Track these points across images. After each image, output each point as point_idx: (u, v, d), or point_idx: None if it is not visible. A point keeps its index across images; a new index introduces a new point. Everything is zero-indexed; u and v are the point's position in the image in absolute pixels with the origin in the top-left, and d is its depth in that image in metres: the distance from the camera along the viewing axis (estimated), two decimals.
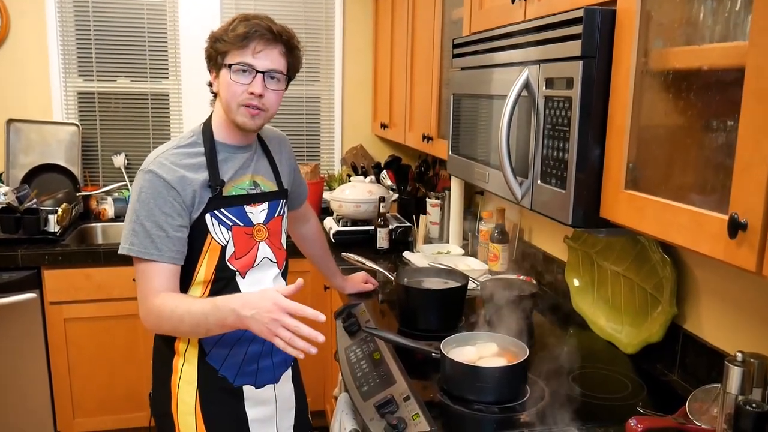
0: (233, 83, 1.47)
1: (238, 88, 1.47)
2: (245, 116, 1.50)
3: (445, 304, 1.91)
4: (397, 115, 3.05)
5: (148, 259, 1.44)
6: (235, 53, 1.46)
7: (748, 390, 1.11)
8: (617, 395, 1.53)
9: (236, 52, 1.46)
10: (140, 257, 1.45)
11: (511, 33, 1.52)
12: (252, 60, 1.46)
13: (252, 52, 1.46)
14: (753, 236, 0.86)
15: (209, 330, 1.43)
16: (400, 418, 1.40)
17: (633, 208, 1.14)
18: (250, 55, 1.46)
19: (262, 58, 1.47)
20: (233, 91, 1.48)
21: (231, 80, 1.47)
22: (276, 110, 1.55)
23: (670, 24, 1.09)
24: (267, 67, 1.48)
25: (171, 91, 3.50)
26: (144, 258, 1.45)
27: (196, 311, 1.41)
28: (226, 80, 1.48)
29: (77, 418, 2.95)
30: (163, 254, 1.45)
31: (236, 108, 1.49)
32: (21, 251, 2.73)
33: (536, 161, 1.38)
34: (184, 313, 1.42)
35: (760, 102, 0.84)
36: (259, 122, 1.53)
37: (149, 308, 1.46)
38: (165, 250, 1.45)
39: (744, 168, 0.87)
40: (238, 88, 1.47)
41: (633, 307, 1.74)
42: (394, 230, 2.86)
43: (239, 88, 1.47)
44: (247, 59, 1.46)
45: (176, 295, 1.47)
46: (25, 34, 3.27)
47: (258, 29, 1.45)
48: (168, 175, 1.46)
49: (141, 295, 1.48)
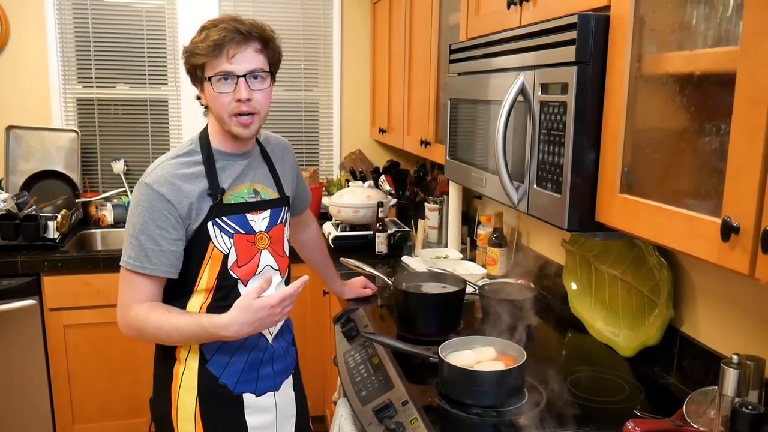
0: (218, 95, 1.46)
1: (224, 98, 1.46)
2: (238, 126, 1.49)
3: (444, 309, 1.91)
4: (396, 120, 3.06)
5: (141, 272, 1.45)
6: (212, 63, 1.44)
7: (744, 392, 1.12)
8: (615, 398, 1.53)
9: (212, 62, 1.44)
10: (134, 270, 1.46)
11: (506, 39, 1.53)
12: (229, 66, 1.44)
13: (227, 58, 1.43)
14: (745, 239, 0.86)
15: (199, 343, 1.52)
16: (399, 423, 1.41)
17: (628, 212, 1.15)
18: (226, 62, 1.43)
19: (238, 62, 1.44)
20: (220, 103, 1.47)
21: (215, 92, 1.46)
22: (268, 109, 1.54)
23: (663, 29, 1.10)
24: (246, 70, 1.45)
25: (170, 98, 3.51)
26: (138, 271, 1.46)
27: (185, 331, 1.45)
28: (210, 93, 1.47)
29: (77, 424, 2.94)
30: (156, 268, 1.45)
31: (228, 119, 1.49)
32: (20, 258, 2.74)
33: (532, 166, 1.39)
34: (172, 330, 1.45)
35: (752, 106, 0.85)
36: (254, 128, 1.52)
37: (129, 318, 1.47)
38: (158, 264, 1.45)
39: (736, 172, 0.88)
40: (224, 98, 1.46)
41: (630, 310, 1.75)
42: (393, 235, 2.86)
43: (225, 99, 1.46)
44: (223, 67, 1.43)
45: (158, 308, 1.47)
46: (24, 41, 3.28)
47: (227, 33, 1.42)
48: (163, 188, 1.45)
49: (123, 303, 1.48)
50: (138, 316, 1.45)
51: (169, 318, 1.45)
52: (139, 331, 1.47)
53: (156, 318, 1.45)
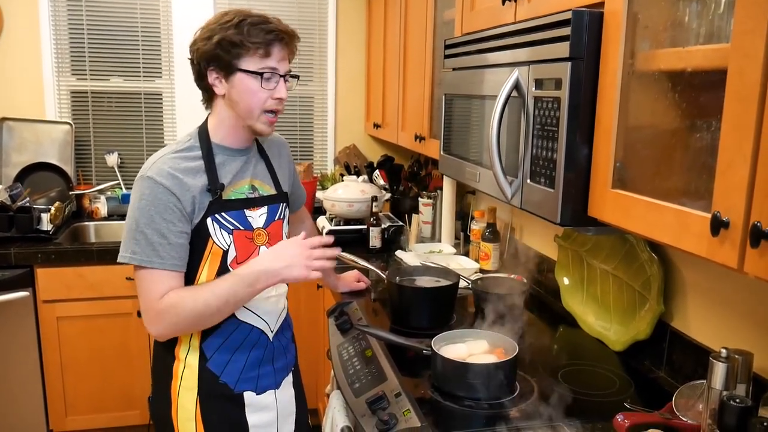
0: (259, 90, 1.47)
1: (263, 94, 1.47)
2: (266, 124, 1.52)
3: (437, 303, 1.92)
4: (390, 115, 3.06)
5: (150, 267, 1.43)
6: (256, 59, 1.45)
7: (732, 385, 1.14)
8: (605, 392, 1.55)
9: (257, 58, 1.45)
10: (143, 266, 1.43)
11: (501, 34, 1.54)
12: (276, 65, 1.47)
13: (276, 57, 1.47)
14: (735, 234, 0.88)
15: (238, 303, 1.49)
16: (392, 414, 1.42)
17: (620, 207, 1.16)
18: (274, 60, 1.46)
19: (282, 62, 1.49)
20: (260, 98, 1.47)
21: (261, 87, 1.47)
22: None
23: (656, 26, 1.11)
24: (285, 70, 1.50)
25: (164, 91, 3.50)
26: (146, 266, 1.43)
27: (221, 291, 1.43)
28: (248, 87, 1.47)
29: (69, 416, 2.95)
30: (165, 261, 1.43)
31: (259, 114, 1.50)
32: (14, 249, 2.74)
33: (526, 161, 1.40)
34: (209, 297, 1.43)
35: (742, 103, 0.86)
36: (274, 128, 1.56)
37: (160, 310, 1.43)
38: (167, 258, 1.43)
39: (726, 167, 0.89)
40: (263, 94, 1.47)
41: (621, 305, 1.77)
42: (387, 229, 2.87)
43: (265, 95, 1.48)
44: (271, 64, 1.46)
45: (186, 288, 1.46)
46: (18, 33, 3.26)
47: (280, 33, 1.46)
48: (167, 180, 1.44)
49: (146, 303, 1.44)
50: (168, 302, 1.42)
51: (201, 288, 1.44)
52: (175, 316, 1.42)
53: (188, 294, 1.43)
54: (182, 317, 1.43)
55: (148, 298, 1.44)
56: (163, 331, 1.47)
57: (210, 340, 1.53)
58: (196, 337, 1.53)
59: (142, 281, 1.45)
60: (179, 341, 1.54)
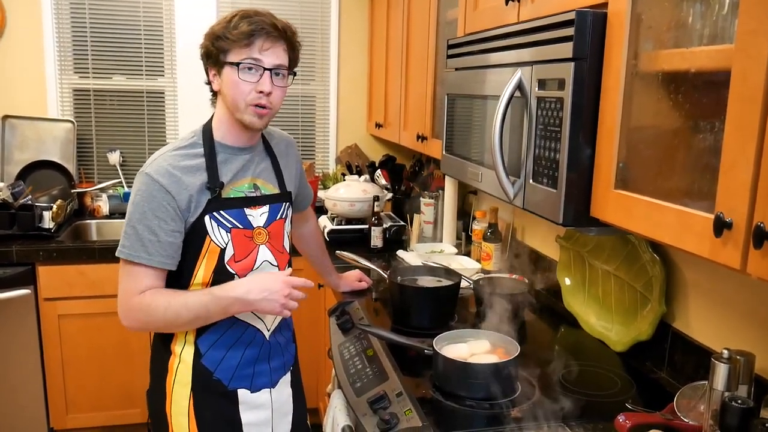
0: (241, 82, 1.46)
1: (246, 86, 1.46)
2: (253, 116, 1.49)
3: (438, 302, 1.92)
4: (392, 115, 3.06)
5: (136, 262, 1.44)
6: (240, 50, 1.45)
7: (734, 386, 1.13)
8: (607, 392, 1.55)
9: (241, 49, 1.45)
10: (129, 260, 1.45)
11: (504, 34, 1.54)
12: (259, 56, 1.45)
13: (258, 49, 1.45)
14: (737, 235, 0.88)
15: (209, 320, 1.48)
16: (393, 414, 1.42)
17: (622, 208, 1.16)
18: (257, 52, 1.45)
19: (268, 55, 1.46)
20: (241, 90, 1.46)
21: (239, 79, 1.45)
22: (279, 107, 1.54)
23: (660, 27, 1.11)
24: (273, 64, 1.47)
25: (167, 89, 3.50)
26: (132, 260, 1.44)
27: (194, 306, 1.43)
28: (231, 79, 1.47)
29: (70, 414, 2.95)
30: (152, 258, 1.44)
31: (244, 107, 1.48)
32: (15, 247, 2.74)
33: (528, 161, 1.40)
34: (180, 308, 1.43)
35: (745, 104, 0.86)
36: (266, 121, 1.53)
37: (133, 306, 1.45)
38: (155, 254, 1.44)
39: (729, 168, 0.89)
40: (246, 86, 1.46)
41: (623, 305, 1.77)
42: (388, 229, 2.87)
43: (247, 87, 1.46)
44: (254, 55, 1.45)
45: (163, 291, 1.47)
46: (21, 31, 3.27)
47: (264, 26, 1.45)
48: (163, 178, 1.44)
49: (123, 295, 1.47)
50: (143, 300, 1.44)
51: (176, 297, 1.44)
52: (145, 316, 1.45)
53: (162, 299, 1.44)
54: (151, 320, 1.46)
55: (125, 290, 1.47)
56: (130, 327, 1.50)
57: (205, 336, 1.53)
58: (191, 333, 1.54)
59: (124, 274, 1.47)
60: (175, 336, 1.55)
